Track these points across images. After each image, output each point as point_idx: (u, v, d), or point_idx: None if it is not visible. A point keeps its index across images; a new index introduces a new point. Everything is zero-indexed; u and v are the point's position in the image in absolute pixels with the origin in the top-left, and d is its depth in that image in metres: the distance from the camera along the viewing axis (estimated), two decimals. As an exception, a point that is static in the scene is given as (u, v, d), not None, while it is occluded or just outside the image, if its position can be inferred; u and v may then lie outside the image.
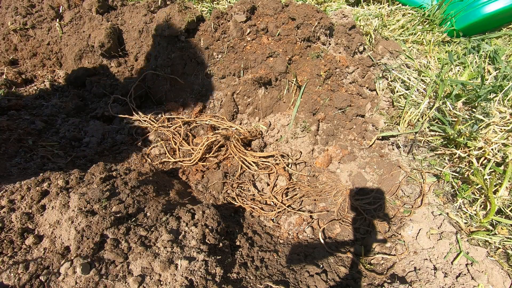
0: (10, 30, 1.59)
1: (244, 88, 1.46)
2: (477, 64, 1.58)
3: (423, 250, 1.13)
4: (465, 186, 1.21)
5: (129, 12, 1.60)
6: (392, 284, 1.03)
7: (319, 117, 1.48)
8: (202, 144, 1.28)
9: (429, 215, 1.21)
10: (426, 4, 1.79)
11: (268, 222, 1.25)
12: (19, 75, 1.57)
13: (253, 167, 1.35)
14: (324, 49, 1.48)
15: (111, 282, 0.74)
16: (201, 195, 1.24)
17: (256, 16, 1.44)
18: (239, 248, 1.01)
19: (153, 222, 0.87)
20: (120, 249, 0.79)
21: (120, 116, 1.38)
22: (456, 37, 1.81)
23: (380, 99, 1.50)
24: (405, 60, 1.61)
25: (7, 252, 0.78)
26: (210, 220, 0.93)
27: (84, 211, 0.82)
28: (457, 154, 1.27)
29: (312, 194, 1.33)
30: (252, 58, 1.44)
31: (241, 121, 1.53)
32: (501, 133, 1.23)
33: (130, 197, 0.90)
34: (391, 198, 1.31)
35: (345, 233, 1.23)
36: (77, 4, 1.60)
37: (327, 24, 1.44)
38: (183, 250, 0.82)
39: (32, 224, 0.84)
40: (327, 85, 1.49)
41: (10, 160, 1.13)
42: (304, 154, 1.44)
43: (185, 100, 1.49)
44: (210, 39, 1.42)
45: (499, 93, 1.36)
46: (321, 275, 0.99)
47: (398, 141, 1.43)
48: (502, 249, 1.10)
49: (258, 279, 0.92)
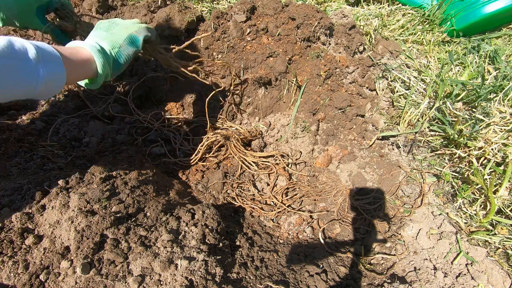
0: (10, 30, 1.59)
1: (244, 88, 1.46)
2: (477, 64, 1.58)
3: (423, 250, 1.13)
4: (465, 186, 1.21)
5: (129, 12, 1.60)
6: (392, 284, 1.03)
7: (319, 117, 1.48)
8: (202, 144, 1.28)
9: (429, 215, 1.21)
10: (426, 4, 1.79)
11: (268, 222, 1.25)
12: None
13: (253, 167, 1.35)
14: (324, 49, 1.48)
15: (111, 282, 0.74)
16: (201, 195, 1.24)
17: (256, 16, 1.44)
18: (239, 248, 1.01)
19: (153, 222, 0.87)
20: (120, 249, 0.79)
21: (120, 116, 1.38)
22: (456, 37, 1.80)
23: (380, 99, 1.50)
24: (405, 60, 1.61)
25: (7, 252, 0.78)
26: (210, 220, 0.93)
27: (84, 211, 0.82)
28: (457, 154, 1.27)
29: (312, 194, 1.33)
30: (252, 58, 1.44)
31: (241, 121, 1.53)
32: (501, 133, 1.23)
33: (130, 197, 0.90)
34: (391, 198, 1.31)
35: (345, 233, 1.23)
36: (77, 4, 1.60)
37: (327, 24, 1.44)
38: (183, 250, 0.82)
39: (32, 224, 0.84)
40: (327, 85, 1.49)
41: (10, 160, 1.13)
42: (304, 154, 1.44)
43: (185, 100, 1.49)
44: (210, 39, 1.42)
45: (499, 93, 1.36)
46: (321, 275, 0.99)
47: (398, 141, 1.43)
48: (502, 249, 1.10)
49: (258, 279, 0.92)
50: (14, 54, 0.64)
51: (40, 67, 0.68)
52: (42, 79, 0.69)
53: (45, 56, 0.70)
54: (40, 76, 0.68)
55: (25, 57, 0.66)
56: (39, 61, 0.68)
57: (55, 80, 0.73)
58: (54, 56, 0.72)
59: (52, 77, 0.71)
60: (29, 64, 0.66)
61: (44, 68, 0.69)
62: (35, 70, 0.67)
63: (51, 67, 0.71)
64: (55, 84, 0.73)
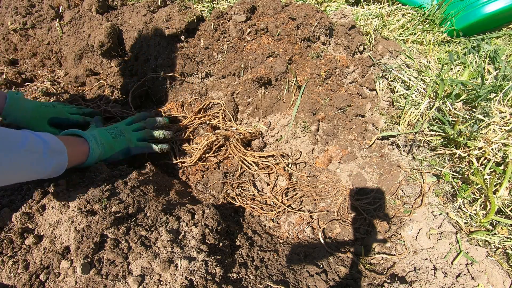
0: (10, 30, 1.59)
1: (244, 88, 1.45)
2: (477, 64, 1.58)
3: (423, 250, 1.13)
4: (465, 186, 1.21)
5: (129, 12, 1.60)
6: (392, 284, 1.03)
7: (319, 117, 1.48)
8: (202, 144, 1.28)
9: (429, 215, 1.21)
10: (426, 4, 1.79)
11: (268, 222, 1.25)
12: (19, 75, 1.57)
13: (253, 167, 1.35)
14: (324, 49, 1.48)
15: (111, 282, 0.74)
16: (201, 195, 1.24)
17: (256, 16, 1.44)
18: (239, 248, 1.01)
19: (153, 222, 0.87)
20: (120, 249, 0.79)
21: (120, 116, 1.38)
22: (456, 37, 1.81)
23: (380, 99, 1.50)
24: (405, 60, 1.61)
25: (7, 252, 0.78)
26: (210, 220, 0.93)
27: (84, 211, 0.82)
28: (457, 154, 1.27)
29: (312, 194, 1.33)
30: (252, 58, 1.44)
31: (241, 121, 1.53)
32: (501, 133, 1.23)
33: (130, 197, 0.90)
34: (391, 198, 1.31)
35: (345, 233, 1.23)
36: (77, 4, 1.60)
37: (327, 24, 1.44)
38: (183, 250, 0.82)
39: (32, 224, 0.84)
40: (327, 85, 1.49)
41: (10, 160, 1.13)
42: (304, 154, 1.44)
43: (185, 100, 1.49)
44: (210, 39, 1.42)
45: (499, 93, 1.36)
46: (321, 275, 0.99)
47: (398, 141, 1.43)
48: (502, 249, 1.10)
49: (258, 279, 0.92)
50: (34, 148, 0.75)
51: (51, 159, 0.80)
52: (51, 169, 0.81)
53: (55, 149, 0.82)
54: (50, 167, 0.80)
55: (42, 151, 0.77)
56: (50, 154, 0.80)
57: (58, 168, 0.85)
58: (61, 148, 0.85)
59: (57, 167, 0.84)
60: (45, 157, 0.78)
61: (53, 160, 0.81)
62: (48, 163, 0.79)
63: (58, 158, 0.83)
64: (55, 173, 0.85)
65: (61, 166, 0.86)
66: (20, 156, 0.72)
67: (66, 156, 0.86)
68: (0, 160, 0.67)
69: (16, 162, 0.71)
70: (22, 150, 0.72)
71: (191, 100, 1.48)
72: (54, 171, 0.84)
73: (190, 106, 1.48)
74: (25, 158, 0.73)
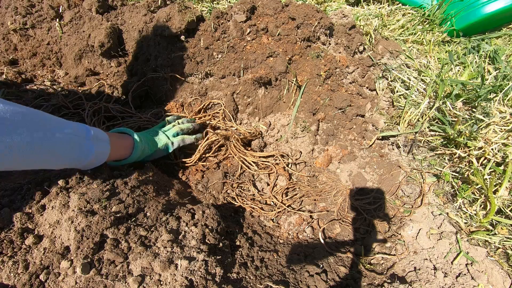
0: (10, 30, 1.59)
1: (244, 88, 1.45)
2: (477, 64, 1.58)
3: (423, 250, 1.13)
4: (465, 186, 1.21)
5: (129, 12, 1.60)
6: (392, 284, 1.03)
7: (319, 117, 1.48)
8: (202, 144, 1.28)
9: (429, 215, 1.21)
10: (426, 4, 1.79)
11: (268, 222, 1.25)
12: (19, 75, 1.57)
13: (253, 167, 1.35)
14: (324, 49, 1.48)
15: (111, 282, 0.74)
16: (201, 195, 1.24)
17: (256, 16, 1.44)
18: (239, 248, 1.01)
19: (153, 222, 0.87)
20: (120, 249, 0.79)
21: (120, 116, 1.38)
22: (456, 37, 1.81)
23: (380, 99, 1.50)
24: (405, 60, 1.61)
25: (7, 252, 0.78)
26: (210, 220, 0.93)
27: (84, 211, 0.82)
28: (457, 154, 1.27)
29: (312, 194, 1.32)
30: (252, 58, 1.44)
31: (241, 121, 1.53)
32: (501, 133, 1.23)
33: (130, 197, 0.90)
34: (391, 198, 1.31)
35: (345, 233, 1.23)
36: (77, 4, 1.60)
37: (327, 24, 1.44)
38: (183, 250, 0.82)
39: (32, 224, 0.84)
40: (327, 85, 1.49)
41: (10, 160, 1.13)
42: (304, 154, 1.44)
43: (185, 99, 1.49)
44: (210, 39, 1.42)
45: (499, 93, 1.36)
46: (321, 275, 0.99)
47: (398, 141, 1.43)
48: (502, 249, 1.10)
49: (258, 279, 0.92)
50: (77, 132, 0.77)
51: (93, 145, 0.81)
52: (92, 156, 0.82)
53: (98, 137, 0.83)
54: (91, 153, 0.81)
55: (85, 136, 0.79)
56: (93, 140, 0.81)
57: (101, 156, 0.86)
58: (104, 137, 0.86)
59: (99, 155, 0.85)
60: (87, 142, 0.80)
61: (95, 146, 0.82)
62: (90, 148, 0.80)
63: (100, 146, 0.84)
64: (98, 161, 0.86)
65: (103, 155, 0.86)
66: (63, 136, 0.72)
67: (108, 146, 0.87)
68: (43, 139, 0.67)
69: (59, 142, 0.71)
70: (65, 132, 0.72)
71: (191, 100, 1.48)
72: (96, 159, 0.83)
73: (190, 106, 1.48)
74: (68, 139, 0.73)
